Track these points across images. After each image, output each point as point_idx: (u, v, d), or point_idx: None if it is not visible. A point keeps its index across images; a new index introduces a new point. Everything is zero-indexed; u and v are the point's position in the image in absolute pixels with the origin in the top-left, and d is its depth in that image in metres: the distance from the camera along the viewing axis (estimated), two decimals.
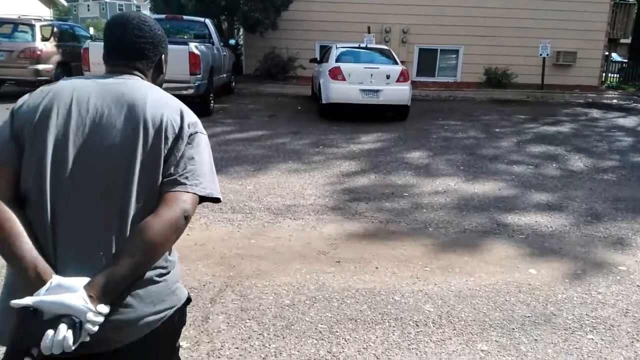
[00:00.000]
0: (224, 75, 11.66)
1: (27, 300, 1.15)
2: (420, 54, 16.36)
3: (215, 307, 3.10)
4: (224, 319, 2.97)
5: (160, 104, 1.38)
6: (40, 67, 10.93)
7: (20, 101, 1.38)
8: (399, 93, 9.69)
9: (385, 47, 11.81)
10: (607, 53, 17.20)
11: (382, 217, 4.82)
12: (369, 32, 14.56)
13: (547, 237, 4.47)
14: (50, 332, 1.12)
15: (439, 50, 16.39)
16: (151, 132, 1.33)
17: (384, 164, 6.85)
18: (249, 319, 2.97)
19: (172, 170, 1.33)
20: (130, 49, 1.45)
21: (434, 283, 3.50)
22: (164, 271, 1.39)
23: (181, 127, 1.37)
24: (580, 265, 3.91)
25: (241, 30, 16.46)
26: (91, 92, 1.36)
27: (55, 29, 11.77)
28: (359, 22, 15.15)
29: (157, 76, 1.54)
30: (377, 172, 6.41)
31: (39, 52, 10.92)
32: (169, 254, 1.41)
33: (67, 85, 1.38)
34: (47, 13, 18.82)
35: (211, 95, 9.98)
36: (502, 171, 6.63)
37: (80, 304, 1.15)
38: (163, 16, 11.71)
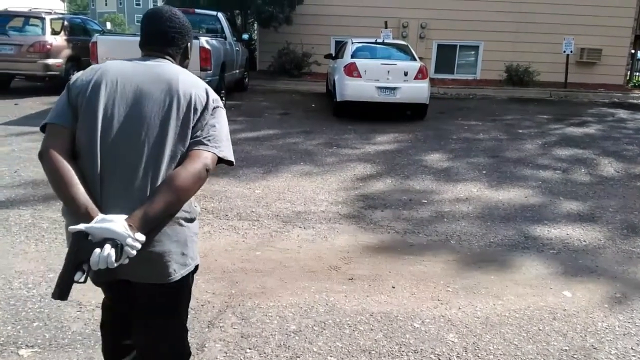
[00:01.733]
0: (237, 71, 11.35)
1: (81, 226, 1.47)
2: (438, 49, 15.89)
3: (212, 332, 2.78)
4: (221, 347, 2.65)
5: (191, 84, 1.71)
6: (50, 61, 10.72)
7: (74, 77, 1.72)
8: (417, 91, 9.29)
9: (403, 42, 11.40)
10: (633, 51, 16.53)
11: (399, 227, 4.46)
12: (386, 27, 14.15)
13: (580, 253, 4.07)
14: (97, 250, 1.43)
15: (458, 46, 15.90)
16: (183, 105, 1.65)
17: (401, 166, 6.48)
18: (249, 348, 2.64)
19: (198, 133, 1.66)
20: (162, 38, 1.76)
21: (457, 307, 3.14)
22: (188, 216, 1.72)
23: (207, 102, 1.71)
24: (619, 287, 3.51)
25: (255, 25, 16.14)
26: (133, 71, 1.69)
27: (66, 23, 11.55)
28: (376, 16, 14.74)
29: (183, 60, 1.86)
30: (393, 176, 6.04)
31: (48, 46, 10.70)
32: (194, 205, 1.76)
33: (113, 65, 1.71)
34: (60, 6, 18.65)
35: (222, 92, 9.67)
36: (527, 176, 6.22)
37: (121, 230, 1.45)
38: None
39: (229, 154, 1.74)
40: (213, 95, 1.77)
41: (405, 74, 9.20)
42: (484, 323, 2.97)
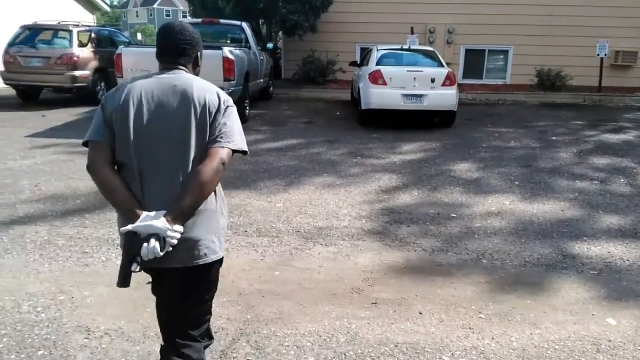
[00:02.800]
0: (261, 80, 11.26)
1: (129, 227, 1.75)
2: (466, 55, 15.52)
3: None
4: None
5: (203, 89, 1.93)
6: (77, 73, 10.83)
7: (105, 96, 1.96)
8: (444, 98, 9.01)
9: (429, 48, 11.13)
10: None
11: (426, 244, 4.22)
12: (412, 33, 13.89)
13: (623, 274, 3.76)
14: (145, 244, 1.72)
15: (486, 51, 15.50)
16: (199, 109, 1.88)
17: (428, 177, 6.23)
18: None
19: (213, 132, 1.89)
20: (175, 49, 1.97)
21: (490, 337, 2.88)
22: (215, 208, 1.99)
23: (219, 104, 1.92)
24: None
25: (280, 33, 16.08)
26: (154, 85, 1.91)
27: (93, 35, 11.68)
28: (401, 22, 14.49)
29: (194, 67, 2.05)
30: (420, 188, 5.79)
31: (75, 58, 10.83)
32: (222, 196, 2.07)
33: (136, 83, 1.93)
34: (90, 19, 18.96)
35: (246, 101, 9.58)
36: (563, 187, 5.89)
37: (161, 225, 1.73)
38: (199, 20, 11.41)
39: (241, 145, 1.97)
40: (224, 96, 1.99)
41: (432, 80, 8.93)
42: (520, 356, 2.71)
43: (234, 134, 1.93)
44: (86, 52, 11.15)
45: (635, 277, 3.70)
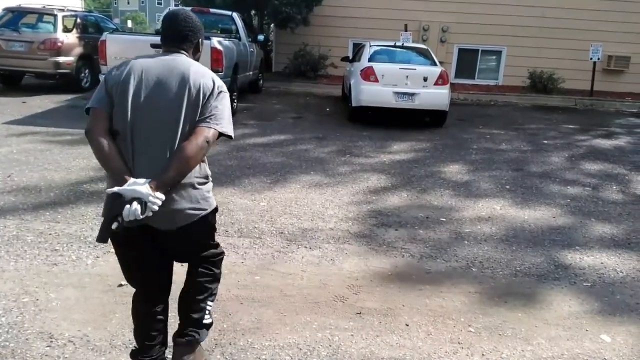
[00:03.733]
0: (251, 72, 11.02)
1: (115, 189, 1.91)
2: (459, 54, 15.38)
3: None
4: None
5: (200, 74, 2.08)
6: (61, 59, 10.51)
7: (109, 70, 2.13)
8: (436, 97, 8.86)
9: (423, 46, 10.97)
10: None
11: (415, 249, 4.06)
12: (405, 30, 13.70)
13: (617, 286, 3.63)
14: (127, 206, 1.88)
15: (480, 51, 15.37)
16: (193, 91, 2.04)
17: (418, 178, 6.07)
18: None
19: (204, 113, 2.05)
20: (178, 36, 2.14)
21: (480, 353, 2.73)
22: (200, 181, 2.16)
23: (213, 89, 2.08)
24: None
25: (272, 26, 15.81)
26: (155, 65, 2.07)
27: (78, 20, 11.34)
28: (395, 19, 14.31)
29: (195, 53, 2.21)
30: (409, 189, 5.64)
31: (59, 44, 10.50)
32: (207, 171, 2.23)
33: (139, 61, 2.08)
34: (77, 4, 18.54)
35: (235, 94, 9.35)
36: (554, 193, 5.76)
37: (145, 191, 1.89)
38: (189, 9, 11.14)
39: (228, 129, 2.12)
40: (218, 82, 2.13)
41: (425, 79, 8.77)
42: None
43: (222, 117, 2.09)
44: (71, 38, 10.82)
45: (629, 290, 3.57)
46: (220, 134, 2.09)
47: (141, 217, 1.88)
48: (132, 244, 2.13)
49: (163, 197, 1.93)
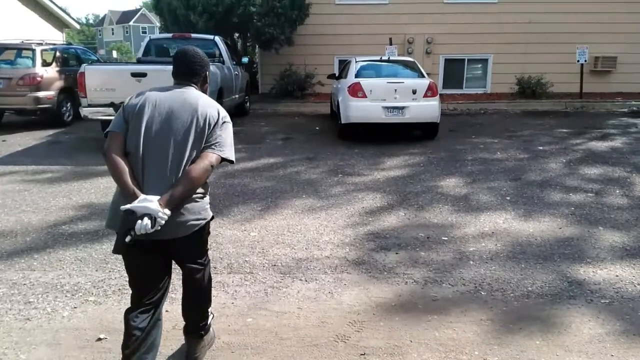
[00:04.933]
0: (236, 96, 10.81)
1: (128, 206, 2.15)
2: (446, 64, 15.30)
3: None
4: None
5: (207, 105, 2.39)
6: (41, 94, 10.27)
7: (127, 100, 2.43)
8: (427, 109, 8.67)
9: (409, 59, 10.82)
10: None
11: (417, 274, 3.79)
12: (390, 44, 13.62)
13: (637, 302, 3.38)
14: (139, 221, 2.12)
15: (466, 60, 15.30)
16: (201, 121, 2.33)
17: (415, 195, 5.83)
18: None
19: (209, 140, 2.33)
20: (188, 70, 2.46)
21: None
22: (201, 195, 2.43)
23: (218, 119, 2.38)
24: None
25: (256, 47, 15.68)
26: (168, 97, 2.38)
27: (58, 53, 11.12)
28: (380, 33, 14.23)
29: (203, 84, 2.54)
30: (407, 207, 5.39)
31: (39, 79, 10.26)
32: (205, 188, 2.47)
33: (154, 93, 2.40)
34: (59, 37, 18.36)
35: None
36: (557, 202, 5.54)
37: (155, 207, 2.14)
38: (169, 35, 10.99)
39: (230, 155, 2.39)
40: (223, 112, 2.42)
41: (414, 92, 8.59)
42: None
43: (225, 145, 2.36)
44: (51, 72, 10.58)
45: None
46: (223, 159, 2.38)
47: (151, 230, 2.14)
48: (138, 254, 2.37)
49: (170, 213, 2.20)
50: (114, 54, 58.31)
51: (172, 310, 3.27)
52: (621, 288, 3.56)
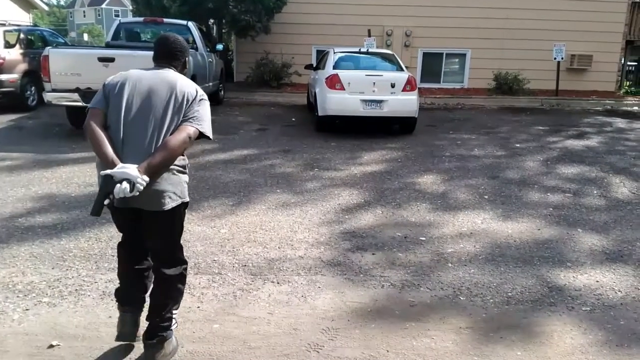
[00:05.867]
0: (210, 84, 10.48)
1: (108, 171, 2.26)
2: (424, 58, 15.21)
3: None
4: None
5: (185, 85, 2.49)
6: (3, 77, 9.80)
7: (107, 79, 2.51)
8: (405, 104, 8.53)
9: (388, 51, 10.66)
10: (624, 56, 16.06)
11: (395, 277, 3.63)
12: (369, 36, 13.42)
13: (619, 309, 3.29)
14: (118, 185, 2.22)
15: (444, 54, 15.23)
16: (179, 97, 2.43)
17: (392, 192, 5.68)
18: None
19: (187, 115, 2.43)
20: (169, 54, 2.59)
21: None
22: (180, 169, 2.50)
23: (195, 96, 2.48)
24: None
25: (232, 34, 15.30)
26: (148, 75, 2.50)
27: (22, 35, 10.60)
28: (359, 24, 14.02)
29: (183, 69, 2.65)
30: (384, 205, 5.23)
31: (1, 61, 9.76)
32: (185, 163, 2.54)
33: (136, 71, 2.52)
34: (26, 18, 17.62)
35: None
36: (535, 201, 5.46)
37: (134, 173, 2.24)
38: (141, 19, 10.57)
39: (207, 130, 2.48)
40: (200, 91, 2.52)
41: (393, 85, 8.43)
42: None
43: (203, 120, 2.46)
44: (14, 54, 10.09)
45: (633, 314, 3.23)
46: (201, 133, 2.45)
47: (129, 194, 2.23)
48: (120, 216, 2.58)
49: (148, 179, 2.28)
50: (85, 37, 56.68)
51: None
52: (602, 295, 3.47)
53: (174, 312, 2.63)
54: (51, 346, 2.74)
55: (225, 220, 4.67)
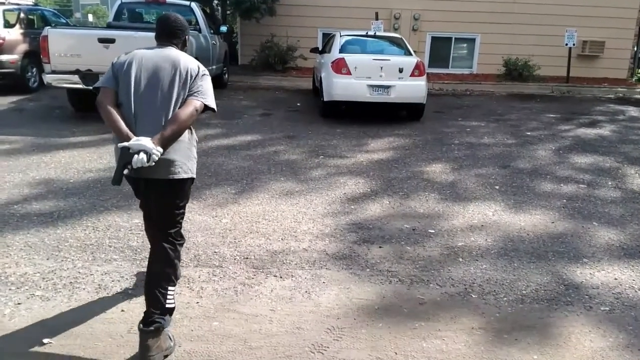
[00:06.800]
0: (213, 67, 10.25)
1: (125, 143, 2.40)
2: (432, 42, 14.90)
3: None
4: None
5: (188, 62, 2.61)
6: (3, 57, 9.61)
7: (115, 58, 2.64)
8: (413, 89, 8.30)
9: (396, 35, 10.39)
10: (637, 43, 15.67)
11: (403, 272, 3.48)
12: (376, 19, 13.11)
13: (639, 309, 3.13)
14: (136, 156, 2.37)
15: (453, 39, 14.91)
16: (183, 73, 2.56)
17: (399, 181, 5.50)
18: None
19: (192, 89, 2.56)
20: (170, 33, 2.70)
21: None
22: (189, 143, 2.67)
23: (198, 72, 2.60)
24: None
25: (237, 16, 15.01)
26: (152, 54, 2.62)
27: (22, 15, 10.39)
28: (366, 7, 13.72)
29: (183, 47, 2.76)
30: (391, 195, 5.06)
31: (0, 41, 9.55)
32: (195, 137, 2.75)
33: (141, 51, 2.63)
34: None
35: None
36: (548, 192, 5.27)
37: (149, 144, 2.39)
38: (142, 0, 10.32)
39: (211, 103, 2.62)
40: (202, 67, 2.66)
41: (401, 70, 8.20)
42: None
43: (207, 94, 2.60)
44: (14, 34, 9.89)
45: None
46: (206, 106, 2.60)
47: (147, 164, 2.38)
48: (138, 191, 2.79)
49: (162, 150, 2.43)
50: (90, 17, 56.14)
51: (128, 309, 2.91)
52: (621, 293, 3.31)
53: (169, 293, 2.57)
54: (42, 343, 2.60)
55: (228, 209, 4.51)
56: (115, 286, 3.18)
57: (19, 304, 2.96)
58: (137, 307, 2.90)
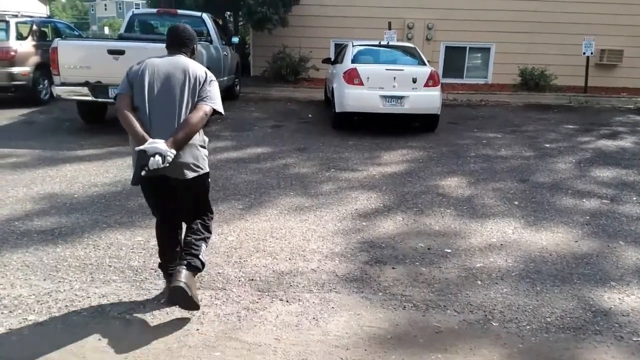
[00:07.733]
0: (225, 78, 10.15)
1: (141, 147, 2.66)
2: (446, 52, 14.69)
3: None
4: None
5: (196, 68, 2.89)
6: (15, 70, 9.60)
7: (130, 68, 2.92)
8: (427, 100, 8.10)
9: (410, 44, 10.20)
10: None
11: (418, 296, 3.27)
12: (389, 29, 12.96)
13: None
14: (152, 158, 2.63)
15: (467, 49, 14.68)
16: (192, 79, 2.84)
17: (414, 196, 5.30)
18: None
19: (201, 95, 2.85)
20: (179, 42, 2.99)
21: None
22: (201, 144, 2.97)
23: (206, 78, 2.89)
24: None
25: (249, 27, 14.97)
26: (163, 63, 2.90)
27: (34, 27, 10.40)
28: (379, 17, 13.59)
29: (192, 55, 3.04)
30: (405, 211, 4.85)
31: (12, 53, 9.58)
32: (205, 139, 3.04)
33: (152, 60, 2.91)
34: (43, 10, 17.52)
35: None
36: (570, 208, 5.02)
37: (164, 147, 2.65)
38: (154, 10, 10.29)
39: (219, 107, 2.91)
40: (209, 73, 2.95)
41: (414, 80, 8.01)
42: None
43: (215, 99, 2.88)
44: (26, 46, 9.89)
45: None
46: (215, 110, 2.87)
47: (162, 166, 2.62)
48: (153, 190, 3.02)
49: (175, 152, 2.69)
50: (106, 30, 56.94)
51: (124, 337, 2.73)
52: None
53: (203, 246, 3.03)
54: None
55: (234, 226, 4.34)
56: (113, 310, 3.01)
57: (9, 329, 2.81)
58: (134, 334, 2.72)
